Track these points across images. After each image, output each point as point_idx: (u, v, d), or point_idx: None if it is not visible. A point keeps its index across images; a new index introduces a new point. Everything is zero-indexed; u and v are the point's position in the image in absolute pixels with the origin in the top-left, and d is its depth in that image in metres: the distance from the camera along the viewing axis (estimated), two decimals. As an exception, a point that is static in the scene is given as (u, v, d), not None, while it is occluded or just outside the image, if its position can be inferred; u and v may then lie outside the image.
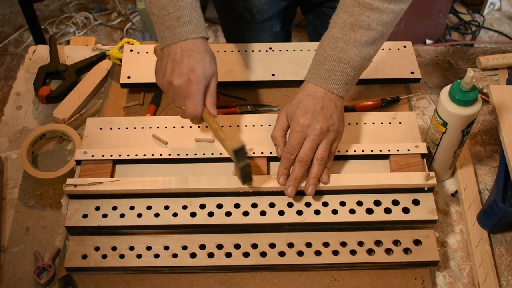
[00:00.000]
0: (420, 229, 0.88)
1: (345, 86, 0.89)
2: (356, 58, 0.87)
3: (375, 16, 0.85)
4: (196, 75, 0.85)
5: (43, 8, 2.83)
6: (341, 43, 0.87)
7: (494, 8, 2.83)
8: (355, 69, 0.88)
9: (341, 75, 0.87)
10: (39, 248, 0.92)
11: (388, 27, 0.88)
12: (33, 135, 1.03)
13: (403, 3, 0.87)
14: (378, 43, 0.88)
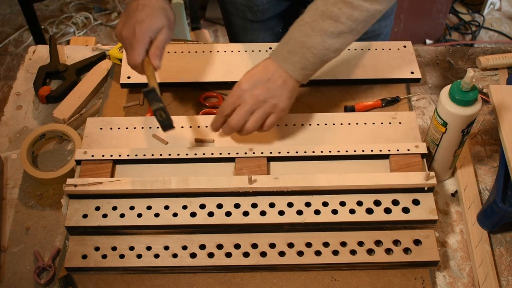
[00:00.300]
0: (420, 229, 0.88)
1: (302, 71, 0.89)
2: (319, 46, 0.87)
3: (347, 10, 0.85)
4: (141, 27, 0.89)
5: (43, 8, 2.83)
6: (307, 28, 0.87)
7: (494, 8, 2.84)
8: (315, 56, 0.88)
9: (299, 59, 0.88)
10: (39, 248, 0.92)
11: (359, 24, 0.87)
12: (33, 135, 1.03)
13: (379, 3, 0.86)
14: (346, 37, 0.88)
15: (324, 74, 1.11)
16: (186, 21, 2.25)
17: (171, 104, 1.11)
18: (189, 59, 1.14)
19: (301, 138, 0.97)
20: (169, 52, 1.15)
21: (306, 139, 0.97)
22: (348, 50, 1.15)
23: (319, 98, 1.11)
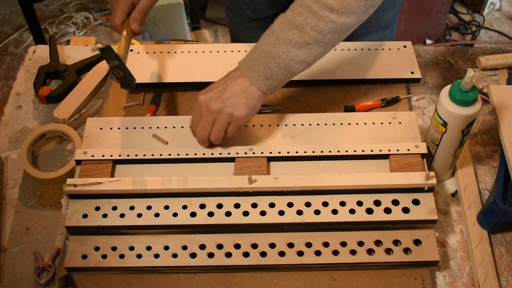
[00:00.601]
0: (420, 229, 0.88)
1: (265, 80, 0.87)
2: (283, 56, 0.85)
3: (312, 20, 0.82)
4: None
5: (43, 8, 2.83)
6: (273, 37, 0.85)
7: (494, 8, 2.84)
8: (279, 67, 0.86)
9: (263, 67, 0.86)
10: (39, 248, 0.92)
11: (325, 36, 0.84)
12: (33, 135, 1.03)
13: (347, 16, 0.83)
14: (312, 49, 0.85)
15: (324, 74, 1.11)
16: (186, 21, 2.25)
17: (171, 104, 1.11)
18: (189, 59, 1.14)
19: (301, 138, 0.97)
20: (169, 52, 1.15)
21: (306, 139, 0.97)
22: (348, 50, 1.15)
23: (319, 98, 1.11)
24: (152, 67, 1.12)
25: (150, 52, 1.14)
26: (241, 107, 0.88)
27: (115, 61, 0.89)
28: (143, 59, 1.13)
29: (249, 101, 0.89)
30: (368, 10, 0.85)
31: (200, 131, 0.91)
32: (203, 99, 0.89)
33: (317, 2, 0.82)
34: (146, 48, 1.15)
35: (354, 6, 0.82)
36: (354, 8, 0.82)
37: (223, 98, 0.88)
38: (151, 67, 1.12)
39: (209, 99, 0.88)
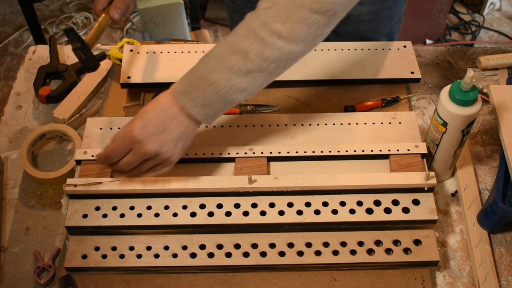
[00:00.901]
0: (420, 229, 0.88)
1: (202, 109, 0.79)
2: (223, 83, 0.77)
3: (257, 46, 0.76)
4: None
5: (43, 8, 2.83)
6: (213, 61, 0.78)
7: (494, 8, 2.84)
8: (217, 94, 0.78)
9: (200, 94, 0.78)
10: (39, 248, 0.92)
11: (271, 64, 0.78)
12: (33, 135, 1.03)
13: (295, 44, 0.77)
14: (255, 77, 0.78)
15: (324, 74, 1.11)
16: (186, 21, 2.25)
17: (171, 104, 1.11)
18: (189, 59, 1.14)
19: (301, 138, 0.97)
20: (169, 52, 1.15)
21: (306, 139, 0.97)
22: (348, 50, 1.15)
23: (319, 98, 1.11)
24: (152, 67, 1.12)
25: (150, 52, 1.14)
26: (178, 152, 0.82)
27: (78, 43, 0.95)
28: (143, 59, 1.13)
29: (185, 143, 0.83)
30: (316, 38, 0.79)
31: (123, 166, 0.82)
32: (140, 138, 0.79)
33: (264, 27, 0.76)
34: (146, 48, 1.15)
35: (303, 34, 0.76)
36: (303, 36, 0.76)
37: (163, 141, 0.79)
38: (151, 67, 1.12)
39: (147, 140, 0.79)
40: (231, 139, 0.97)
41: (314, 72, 1.11)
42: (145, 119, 0.80)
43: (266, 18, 0.76)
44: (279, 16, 0.75)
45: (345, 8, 0.78)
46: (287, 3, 0.75)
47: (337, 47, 1.15)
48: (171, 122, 0.80)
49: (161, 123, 0.79)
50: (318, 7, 0.75)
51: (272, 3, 0.76)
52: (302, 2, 0.74)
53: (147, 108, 0.81)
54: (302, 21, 0.75)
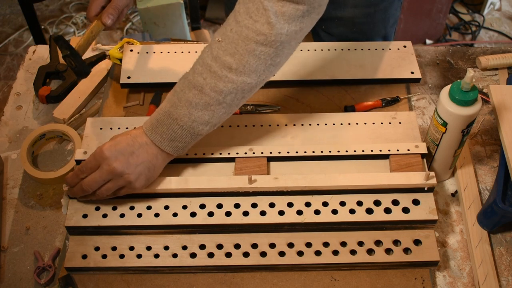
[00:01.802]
0: (420, 229, 0.88)
1: (171, 142, 0.84)
2: (185, 118, 0.82)
3: (211, 80, 0.79)
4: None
5: (43, 8, 2.83)
6: (175, 98, 0.82)
7: (494, 8, 2.84)
8: (182, 129, 0.83)
9: (167, 130, 0.83)
10: (39, 248, 0.92)
11: (226, 96, 0.81)
12: (33, 135, 1.03)
13: (247, 76, 0.79)
14: (214, 110, 0.82)
15: (324, 74, 1.11)
16: (186, 21, 2.25)
17: (171, 104, 1.11)
18: (189, 59, 1.13)
19: (301, 138, 0.97)
20: (169, 52, 1.15)
21: (306, 139, 0.97)
22: (348, 50, 1.15)
23: (319, 98, 1.11)
24: (152, 67, 1.12)
25: (150, 52, 1.14)
26: (142, 179, 0.85)
27: (67, 51, 0.97)
28: (143, 59, 1.13)
29: (150, 173, 0.86)
30: (269, 68, 0.81)
31: (89, 182, 0.84)
32: (108, 155, 0.83)
33: (216, 61, 0.79)
34: (146, 48, 1.15)
35: (253, 65, 0.79)
36: (253, 67, 0.79)
37: (128, 163, 0.83)
38: (151, 67, 1.12)
39: (114, 158, 0.83)
40: (231, 139, 0.97)
41: (314, 72, 1.11)
42: (116, 141, 0.84)
43: (218, 51, 0.79)
44: (228, 49, 0.78)
45: (293, 38, 0.80)
46: (236, 36, 0.78)
47: (337, 47, 1.15)
48: (139, 149, 0.84)
49: (130, 147, 0.84)
50: (263, 39, 0.77)
51: (223, 36, 0.79)
52: (248, 35, 0.77)
53: (120, 134, 0.87)
54: (249, 54, 0.78)
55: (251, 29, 0.77)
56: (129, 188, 0.86)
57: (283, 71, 1.11)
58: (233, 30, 0.78)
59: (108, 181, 0.84)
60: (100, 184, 0.84)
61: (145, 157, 0.84)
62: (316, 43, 1.16)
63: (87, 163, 0.85)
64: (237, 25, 0.78)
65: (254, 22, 0.76)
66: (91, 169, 0.85)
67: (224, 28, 0.80)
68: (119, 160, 0.83)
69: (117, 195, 0.87)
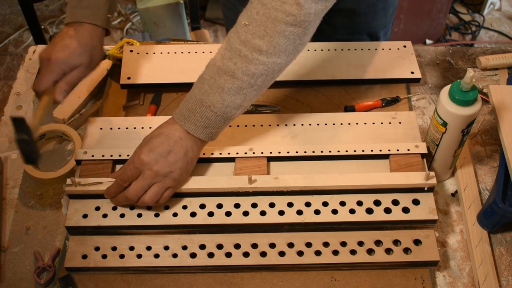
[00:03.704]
0: (420, 229, 0.88)
1: (204, 129, 0.85)
2: (218, 104, 0.82)
3: (242, 64, 0.80)
4: (57, 57, 0.90)
5: (43, 8, 2.83)
6: (206, 86, 0.83)
7: (494, 8, 2.84)
8: (216, 115, 0.83)
9: (200, 118, 0.83)
10: (39, 248, 0.92)
11: (258, 78, 0.81)
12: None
13: (277, 56, 0.80)
14: (246, 93, 0.83)
15: (324, 74, 1.11)
16: (186, 21, 2.25)
17: (171, 104, 1.11)
18: (189, 59, 1.14)
19: (301, 138, 0.97)
20: (169, 52, 1.15)
21: (306, 139, 0.97)
22: (348, 50, 1.15)
23: (319, 98, 1.11)
24: (152, 67, 1.12)
25: (150, 52, 1.14)
26: (183, 172, 0.86)
27: (25, 135, 0.85)
28: (143, 59, 1.13)
29: (189, 166, 0.87)
30: (297, 48, 0.82)
31: (134, 191, 0.84)
32: (148, 160, 0.83)
33: (245, 45, 0.79)
34: (146, 48, 1.15)
35: (283, 46, 0.79)
36: (283, 47, 0.80)
37: (169, 162, 0.84)
38: (151, 67, 1.12)
39: (154, 162, 0.83)
40: (231, 139, 0.97)
41: (314, 72, 1.11)
42: (151, 145, 0.84)
43: (246, 35, 0.79)
44: (257, 32, 0.79)
45: (319, 17, 0.81)
46: (263, 18, 0.78)
47: (337, 47, 1.15)
48: (174, 145, 0.85)
49: (166, 146, 0.84)
50: (292, 20, 0.77)
51: (250, 20, 0.79)
52: (276, 16, 0.77)
53: (151, 135, 0.87)
54: (279, 35, 0.78)
55: (280, 11, 0.77)
56: (174, 188, 0.86)
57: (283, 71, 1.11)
58: (260, 13, 0.78)
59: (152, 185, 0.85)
60: (145, 190, 0.85)
61: (182, 152, 0.85)
62: (316, 43, 1.16)
63: (127, 172, 0.85)
64: (263, 7, 0.78)
65: (282, 4, 0.77)
66: (133, 176, 0.85)
67: (249, 12, 0.80)
68: (160, 162, 0.84)
69: (160, 200, 0.86)
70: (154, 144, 0.85)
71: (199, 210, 0.88)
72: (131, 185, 0.85)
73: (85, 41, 0.95)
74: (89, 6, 0.95)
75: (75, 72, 0.95)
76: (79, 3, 0.95)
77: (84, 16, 0.94)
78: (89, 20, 0.95)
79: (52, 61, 0.92)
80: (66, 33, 0.94)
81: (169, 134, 0.85)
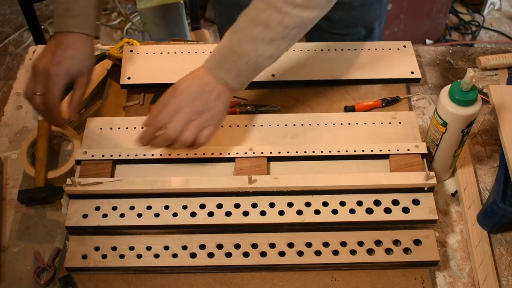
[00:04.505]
0: (420, 229, 0.88)
1: (236, 78, 0.87)
2: (251, 53, 0.84)
3: (277, 16, 0.82)
4: (58, 69, 0.89)
5: (43, 8, 2.83)
6: (239, 35, 0.85)
7: (494, 8, 2.84)
8: (248, 64, 0.85)
9: (232, 66, 0.86)
10: (39, 248, 0.92)
11: (291, 31, 0.84)
12: (33, 135, 1.03)
13: (311, 10, 0.83)
14: (279, 44, 0.85)
15: (324, 74, 1.11)
16: (186, 21, 2.25)
17: (171, 104, 1.11)
18: (189, 59, 1.14)
19: (301, 138, 0.97)
20: (169, 52, 1.15)
21: (306, 139, 0.97)
22: (348, 50, 1.15)
23: (319, 98, 1.11)
24: (152, 67, 1.12)
25: (150, 52, 1.14)
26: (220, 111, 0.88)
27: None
28: (143, 59, 1.13)
29: (223, 106, 0.89)
30: (330, 2, 0.85)
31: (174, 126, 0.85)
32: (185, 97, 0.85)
33: None
34: (146, 48, 1.15)
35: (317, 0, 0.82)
36: (317, 1, 0.83)
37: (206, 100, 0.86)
38: (151, 67, 1.12)
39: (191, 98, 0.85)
40: (231, 139, 0.97)
41: (314, 72, 1.11)
42: (187, 84, 0.87)
43: None
44: None
45: None
46: None
47: (337, 47, 1.15)
48: (208, 86, 0.86)
49: (201, 86, 0.86)
50: None
51: None
52: None
53: (183, 78, 0.88)
54: None
55: None
56: (214, 125, 0.88)
57: (283, 71, 1.11)
58: None
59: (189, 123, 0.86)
60: (184, 128, 0.86)
61: (216, 93, 0.87)
62: (316, 43, 1.16)
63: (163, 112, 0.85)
64: None
65: None
66: (169, 115, 0.85)
67: None
68: (197, 98, 0.85)
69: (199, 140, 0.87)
70: (188, 82, 0.86)
71: (199, 210, 0.88)
72: (169, 123, 0.85)
73: (81, 50, 0.93)
74: (77, 15, 0.92)
75: (79, 88, 0.93)
76: (66, 11, 0.92)
77: (73, 25, 0.92)
78: (79, 30, 0.92)
79: (54, 75, 0.89)
80: (60, 42, 0.92)
81: (202, 77, 0.87)
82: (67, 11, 0.91)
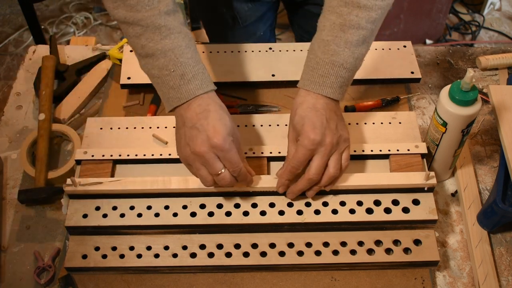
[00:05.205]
0: (420, 229, 0.88)
1: (340, 89, 0.86)
2: (349, 59, 0.84)
3: (364, 14, 0.83)
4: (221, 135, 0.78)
5: (43, 8, 2.84)
6: (332, 46, 0.84)
7: (494, 8, 2.84)
8: (349, 71, 0.85)
9: (335, 79, 0.85)
10: (39, 248, 0.92)
11: (377, 23, 0.86)
12: (33, 135, 1.03)
13: None
14: (369, 41, 0.86)
15: (324, 74, 1.11)
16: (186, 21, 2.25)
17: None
18: (189, 59, 1.13)
19: (301, 138, 0.97)
20: (169, 52, 1.14)
21: (306, 139, 0.97)
22: (348, 50, 1.15)
23: (319, 98, 1.11)
24: (152, 67, 1.12)
25: (150, 52, 1.14)
26: (345, 129, 0.87)
27: None
28: (143, 59, 1.13)
29: (343, 120, 0.88)
30: None
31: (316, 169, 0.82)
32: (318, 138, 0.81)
33: None
34: (146, 48, 1.15)
35: None
36: None
37: (332, 129, 0.84)
38: (151, 67, 1.12)
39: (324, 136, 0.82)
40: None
41: (314, 72, 1.11)
42: (310, 123, 0.83)
43: None
44: None
45: None
46: None
47: (337, 47, 1.15)
48: (326, 112, 0.85)
49: (322, 117, 0.84)
50: None
51: None
52: None
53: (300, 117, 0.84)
54: None
55: None
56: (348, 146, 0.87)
57: (283, 71, 1.11)
58: None
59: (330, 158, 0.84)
60: (325, 167, 0.84)
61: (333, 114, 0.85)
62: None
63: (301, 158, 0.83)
64: None
65: None
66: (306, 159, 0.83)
67: None
68: (327, 134, 0.83)
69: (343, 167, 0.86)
70: (312, 120, 0.83)
71: (199, 210, 0.88)
72: (311, 167, 0.83)
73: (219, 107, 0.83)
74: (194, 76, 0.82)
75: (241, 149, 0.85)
76: (181, 79, 0.81)
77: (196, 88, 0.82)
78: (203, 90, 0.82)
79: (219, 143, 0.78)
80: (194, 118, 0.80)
81: (315, 106, 0.85)
82: (182, 77, 0.81)
